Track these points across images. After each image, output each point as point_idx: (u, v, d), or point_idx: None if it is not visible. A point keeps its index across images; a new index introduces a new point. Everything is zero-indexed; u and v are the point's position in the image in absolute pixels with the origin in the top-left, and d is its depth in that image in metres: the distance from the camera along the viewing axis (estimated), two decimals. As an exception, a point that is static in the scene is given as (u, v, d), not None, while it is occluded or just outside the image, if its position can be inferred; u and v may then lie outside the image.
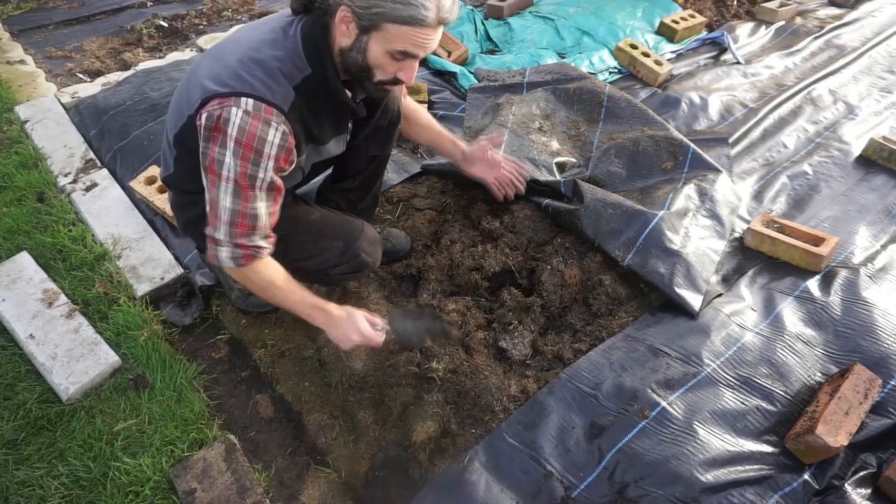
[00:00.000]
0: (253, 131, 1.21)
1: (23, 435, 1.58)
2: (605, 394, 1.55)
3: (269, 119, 1.22)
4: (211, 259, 1.35)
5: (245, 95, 1.21)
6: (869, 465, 1.41)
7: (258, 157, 1.23)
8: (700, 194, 2.00)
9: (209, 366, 1.82)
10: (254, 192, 1.27)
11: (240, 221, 1.28)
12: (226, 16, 3.87)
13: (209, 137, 1.24)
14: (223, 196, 1.26)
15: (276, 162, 1.27)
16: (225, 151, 1.22)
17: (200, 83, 1.27)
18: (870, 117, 2.63)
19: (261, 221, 1.31)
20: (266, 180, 1.27)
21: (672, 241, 1.81)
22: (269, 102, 1.22)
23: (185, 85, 1.36)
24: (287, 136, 1.26)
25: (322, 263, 1.60)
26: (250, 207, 1.28)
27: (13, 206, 2.24)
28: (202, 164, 1.29)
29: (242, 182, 1.24)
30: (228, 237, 1.29)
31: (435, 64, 2.90)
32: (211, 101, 1.23)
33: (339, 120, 1.47)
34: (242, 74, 1.23)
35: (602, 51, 2.90)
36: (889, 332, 1.64)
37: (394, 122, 1.72)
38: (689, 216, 1.91)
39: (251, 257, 1.33)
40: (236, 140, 1.21)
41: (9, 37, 3.50)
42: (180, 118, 1.35)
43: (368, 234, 1.67)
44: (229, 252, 1.31)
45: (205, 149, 1.26)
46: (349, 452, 1.57)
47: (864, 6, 3.48)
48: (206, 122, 1.23)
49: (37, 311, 1.84)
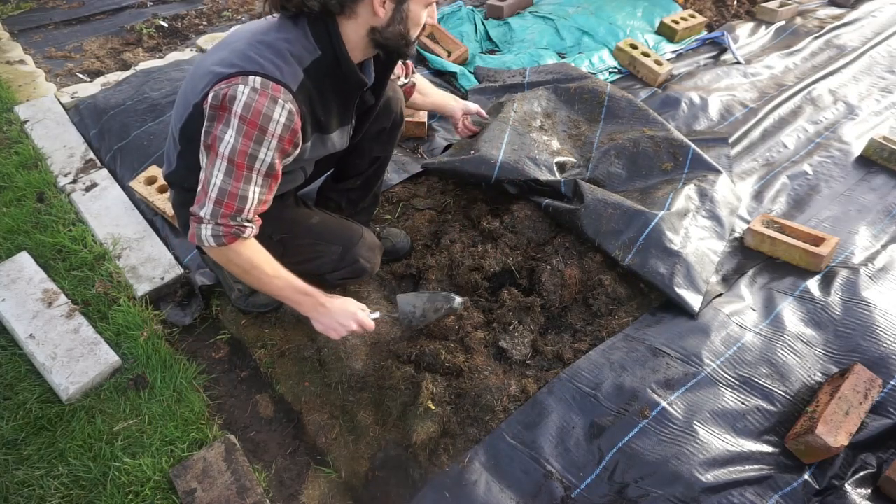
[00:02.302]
0: (259, 108, 1.19)
1: (23, 435, 1.58)
2: (605, 394, 1.55)
3: (276, 96, 1.20)
4: (192, 238, 1.31)
5: (253, 74, 1.20)
6: (869, 465, 1.41)
7: (262, 134, 1.21)
8: (700, 195, 2.00)
9: (209, 366, 1.82)
10: (249, 174, 1.24)
11: (227, 202, 1.24)
12: (226, 16, 3.87)
13: (214, 116, 1.22)
14: (216, 173, 1.23)
15: (280, 142, 1.24)
16: (227, 128, 1.20)
17: (208, 70, 1.26)
18: (870, 117, 2.63)
19: (248, 204, 1.27)
20: (266, 162, 1.24)
21: (672, 242, 1.81)
22: (278, 80, 1.21)
23: (191, 79, 1.35)
24: (293, 116, 1.24)
25: (320, 268, 1.60)
26: (241, 188, 1.24)
27: (13, 206, 2.24)
28: (203, 143, 1.26)
29: (239, 160, 1.21)
30: (212, 216, 1.25)
31: (435, 64, 2.90)
32: (218, 83, 1.22)
33: (346, 106, 1.44)
34: (251, 55, 1.22)
35: (602, 51, 2.90)
36: (889, 332, 1.64)
37: (397, 123, 1.73)
38: (689, 216, 1.91)
39: (234, 236, 1.28)
40: (241, 117, 1.19)
41: (9, 37, 3.50)
42: (186, 109, 1.33)
43: (367, 240, 1.66)
44: (211, 230, 1.26)
45: (208, 127, 1.24)
46: (349, 452, 1.57)
47: (864, 6, 3.48)
48: (211, 101, 1.22)
49: (37, 311, 1.84)
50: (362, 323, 1.45)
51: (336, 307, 1.43)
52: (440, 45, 2.99)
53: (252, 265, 1.34)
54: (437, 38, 3.04)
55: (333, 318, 1.42)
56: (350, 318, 1.42)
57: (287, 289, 1.40)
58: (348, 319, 1.42)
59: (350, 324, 1.42)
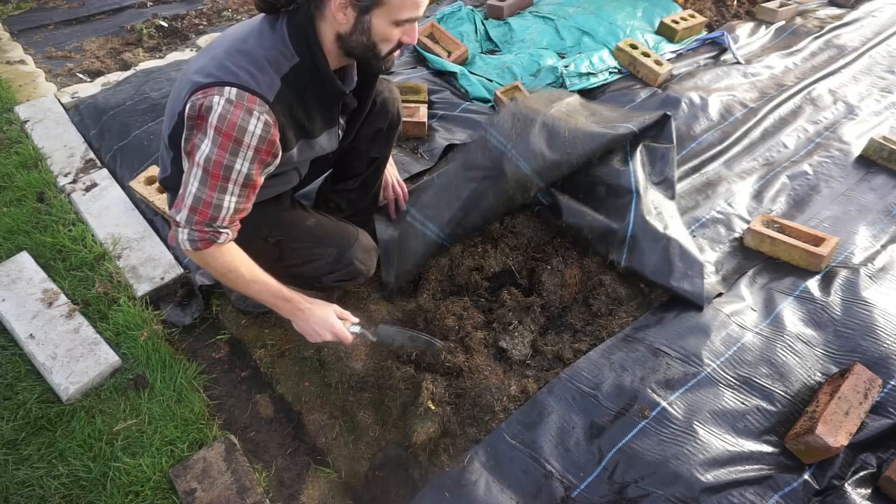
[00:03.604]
0: (234, 120, 1.19)
1: (23, 435, 1.58)
2: (605, 394, 1.55)
3: (251, 108, 1.20)
4: (171, 241, 1.33)
5: (228, 84, 1.20)
6: (869, 465, 1.41)
7: (237, 146, 1.21)
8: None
9: (209, 366, 1.81)
10: (224, 184, 1.24)
11: (201, 209, 1.25)
12: (226, 16, 3.87)
13: (192, 126, 1.24)
14: (192, 181, 1.24)
15: (257, 153, 1.25)
16: (204, 138, 1.21)
17: (189, 79, 1.27)
18: (870, 117, 2.63)
19: (223, 213, 1.28)
20: (243, 173, 1.25)
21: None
22: (253, 91, 1.21)
23: (177, 86, 1.36)
24: (270, 127, 1.24)
25: (316, 270, 1.60)
26: (216, 197, 1.25)
27: (13, 206, 2.24)
28: (183, 150, 1.28)
29: (214, 170, 1.22)
30: (187, 222, 1.27)
31: (435, 64, 2.90)
32: (196, 93, 1.23)
33: (328, 110, 1.44)
34: (227, 64, 1.23)
35: (602, 51, 2.90)
36: (889, 332, 1.64)
37: (394, 124, 1.73)
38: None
39: (209, 242, 1.29)
40: (216, 128, 1.20)
41: (9, 37, 3.50)
42: (172, 118, 1.35)
43: (363, 242, 1.66)
44: (187, 234, 1.28)
45: (188, 136, 1.25)
46: (349, 452, 1.57)
47: (864, 6, 3.48)
48: (188, 111, 1.23)
49: (37, 311, 1.84)
50: (338, 335, 1.46)
51: (314, 315, 1.44)
52: (440, 45, 2.99)
53: (228, 269, 1.35)
54: (437, 38, 3.04)
55: (310, 325, 1.44)
56: (326, 329, 1.44)
57: (264, 293, 1.41)
58: (324, 329, 1.44)
59: (325, 334, 1.44)
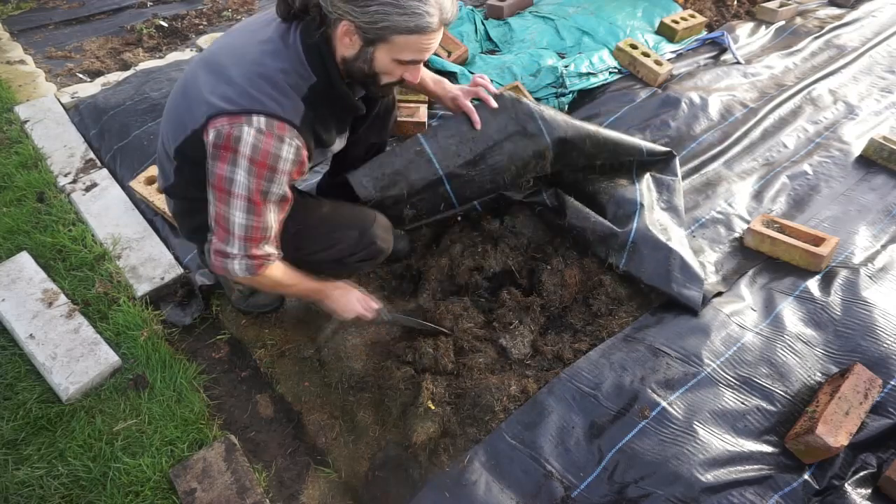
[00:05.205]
0: (267, 149, 1.21)
1: (23, 435, 1.58)
2: (605, 394, 1.55)
3: (281, 135, 1.22)
4: (218, 271, 1.38)
5: (256, 113, 1.20)
6: (869, 465, 1.41)
7: (272, 173, 1.24)
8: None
9: (209, 366, 1.82)
10: (265, 206, 1.29)
11: (253, 235, 1.31)
12: (226, 16, 3.87)
13: (217, 156, 1.23)
14: (235, 212, 1.27)
15: (290, 176, 1.29)
16: (236, 169, 1.22)
17: (204, 99, 1.25)
18: (870, 117, 2.63)
19: (271, 232, 1.35)
20: (279, 194, 1.29)
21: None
22: (282, 118, 1.22)
23: (182, 96, 1.34)
24: (301, 151, 1.27)
25: (338, 253, 1.60)
26: (263, 221, 1.30)
27: (13, 206, 2.24)
28: (209, 181, 1.29)
29: (256, 199, 1.26)
30: (243, 250, 1.32)
31: (435, 64, 2.90)
32: (219, 118, 1.21)
33: (343, 121, 1.50)
34: (250, 91, 1.22)
35: (602, 51, 2.90)
36: (889, 332, 1.64)
37: (388, 109, 1.75)
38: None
39: (263, 266, 1.36)
40: (250, 159, 1.21)
41: (9, 37, 3.50)
42: (182, 132, 1.32)
43: (381, 221, 1.66)
44: (243, 263, 1.34)
45: (212, 166, 1.25)
46: (349, 452, 1.57)
47: (864, 6, 3.48)
48: (214, 139, 1.22)
49: (37, 311, 1.84)
50: (364, 310, 1.59)
51: (344, 296, 1.58)
52: (440, 45, 2.99)
53: (276, 283, 1.45)
54: (437, 38, 3.04)
55: (342, 303, 1.58)
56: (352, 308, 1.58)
57: (302, 290, 1.55)
58: (351, 307, 1.58)
59: (356, 308, 1.58)
